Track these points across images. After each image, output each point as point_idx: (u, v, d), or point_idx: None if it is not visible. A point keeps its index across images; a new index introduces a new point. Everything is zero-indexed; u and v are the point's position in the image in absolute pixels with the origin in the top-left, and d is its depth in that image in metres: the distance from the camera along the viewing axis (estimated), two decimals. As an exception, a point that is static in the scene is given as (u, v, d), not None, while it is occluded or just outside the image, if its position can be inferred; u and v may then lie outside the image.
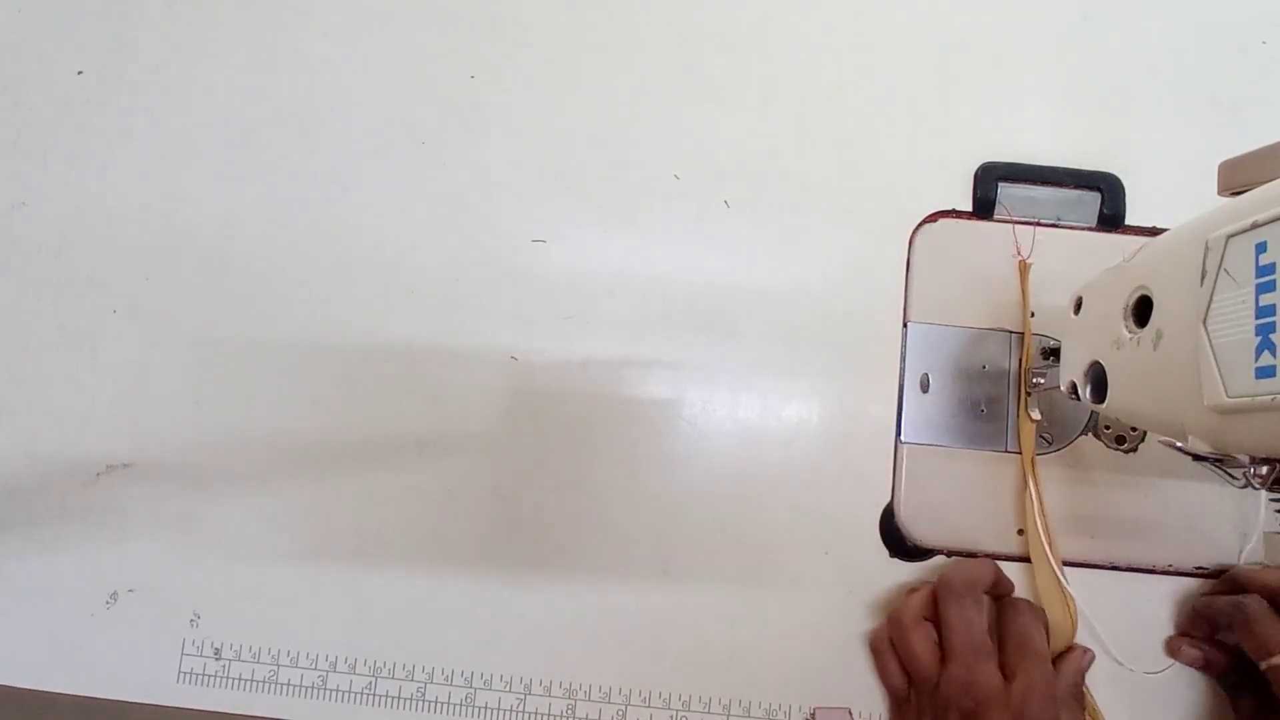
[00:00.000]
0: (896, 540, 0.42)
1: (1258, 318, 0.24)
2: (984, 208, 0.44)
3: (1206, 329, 0.26)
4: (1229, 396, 0.25)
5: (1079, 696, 0.40)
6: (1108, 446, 0.43)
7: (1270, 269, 0.23)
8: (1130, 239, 0.44)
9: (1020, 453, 0.42)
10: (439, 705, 0.42)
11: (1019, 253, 0.43)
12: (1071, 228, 0.44)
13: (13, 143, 0.47)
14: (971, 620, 0.38)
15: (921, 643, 0.38)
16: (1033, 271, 0.43)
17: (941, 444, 0.43)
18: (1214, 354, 0.25)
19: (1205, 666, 0.40)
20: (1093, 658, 0.40)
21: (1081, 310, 0.36)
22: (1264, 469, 0.28)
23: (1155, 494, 0.42)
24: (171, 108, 0.47)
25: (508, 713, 0.42)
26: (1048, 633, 0.39)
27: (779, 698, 0.42)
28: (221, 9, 0.48)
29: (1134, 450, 0.43)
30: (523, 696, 0.42)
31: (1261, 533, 0.41)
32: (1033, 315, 0.43)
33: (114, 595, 0.44)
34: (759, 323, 0.44)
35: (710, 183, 0.45)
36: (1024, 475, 0.42)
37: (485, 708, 0.42)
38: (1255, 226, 0.24)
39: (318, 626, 0.43)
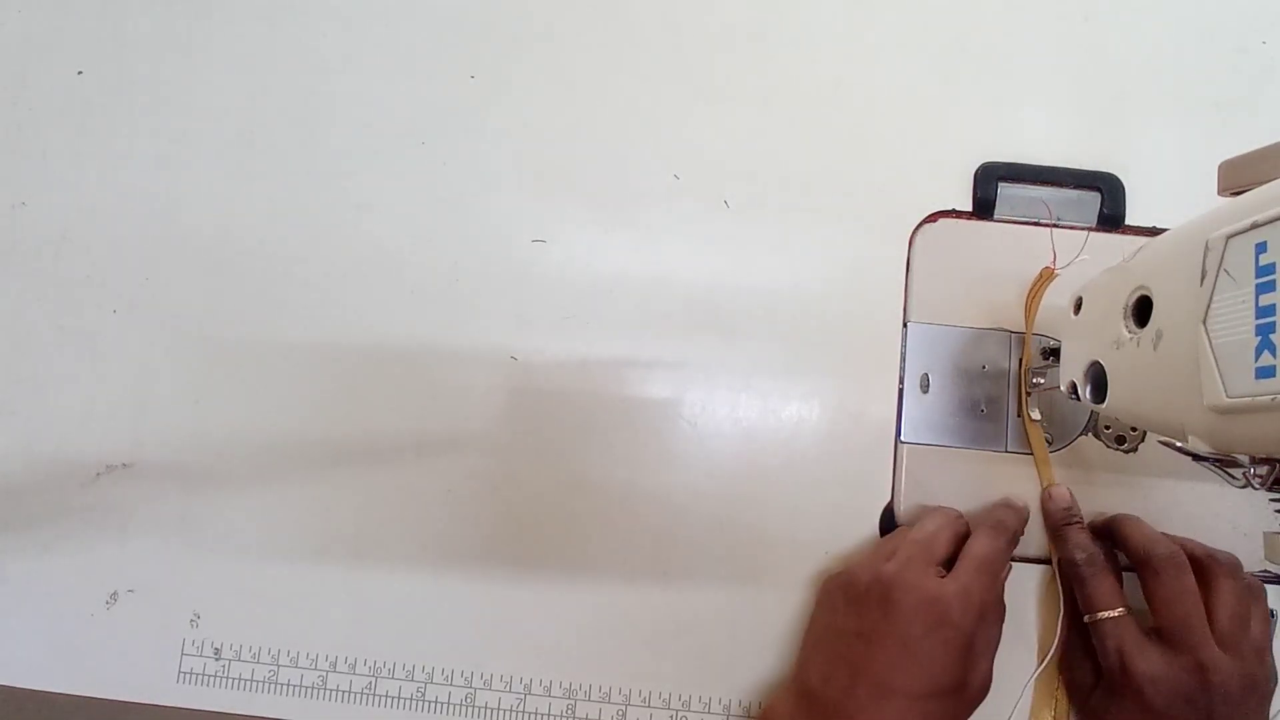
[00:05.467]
0: (896, 540, 0.42)
1: (1258, 318, 0.24)
2: (984, 208, 0.44)
3: (1206, 329, 0.26)
4: (1229, 396, 0.25)
5: (991, 589, 0.37)
6: (1108, 446, 0.43)
7: (1270, 269, 0.23)
8: (1130, 239, 0.44)
9: (1031, 453, 0.42)
10: (439, 705, 0.42)
11: (1054, 260, 0.43)
12: (1071, 228, 0.44)
13: (13, 143, 0.47)
14: (929, 530, 0.38)
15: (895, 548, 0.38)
16: (1032, 271, 0.43)
17: (941, 444, 0.43)
18: (1214, 354, 0.25)
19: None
20: (1009, 568, 0.39)
21: (1081, 310, 0.36)
22: (1264, 469, 0.28)
23: (1155, 494, 0.42)
24: (171, 108, 0.47)
25: (508, 713, 0.42)
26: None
27: (779, 698, 0.42)
28: (221, 9, 0.48)
29: (1134, 450, 0.43)
30: (523, 696, 0.42)
31: (1262, 533, 0.41)
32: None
33: (114, 595, 0.44)
34: (759, 323, 0.44)
35: (710, 183, 0.45)
36: (1040, 478, 0.42)
37: (485, 708, 0.42)
38: (1255, 226, 0.24)
39: (318, 626, 0.43)
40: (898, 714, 0.34)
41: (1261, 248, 0.24)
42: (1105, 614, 0.37)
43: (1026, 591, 0.42)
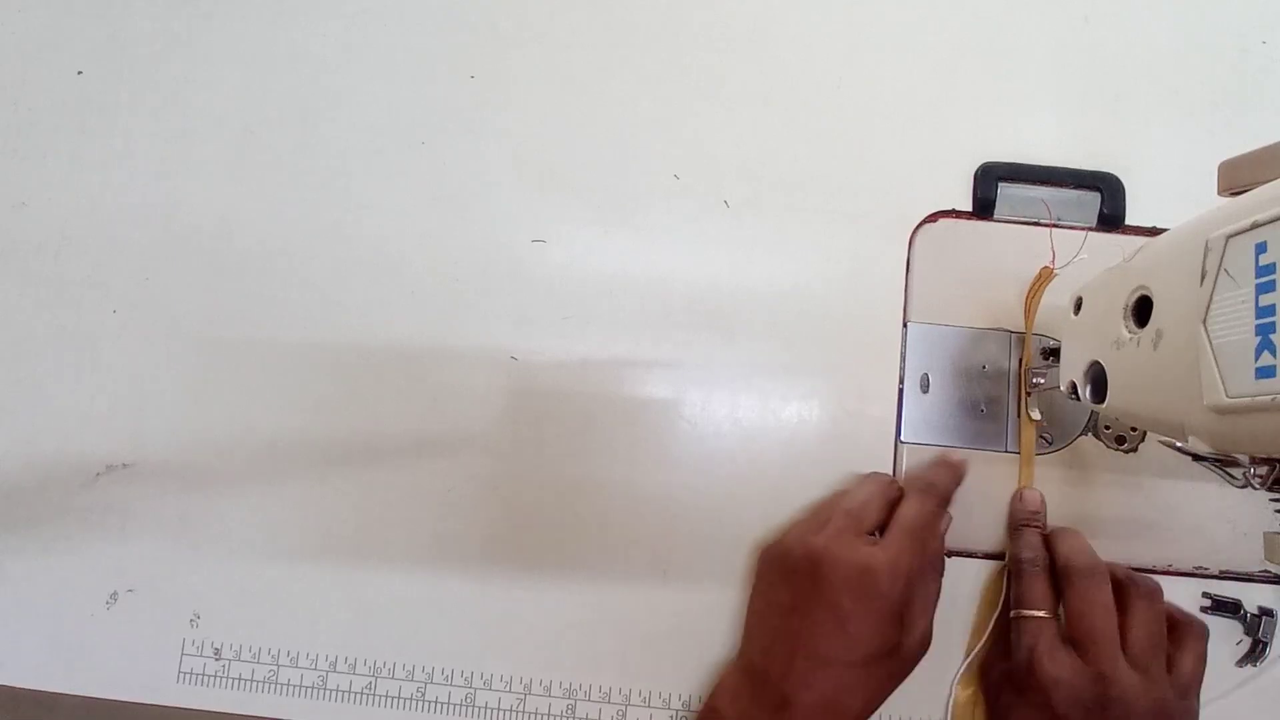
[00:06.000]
0: (896, 540, 0.42)
1: (1258, 318, 0.24)
2: (984, 208, 0.44)
3: (1206, 329, 0.26)
4: (1229, 396, 0.25)
5: (923, 554, 0.37)
6: (1108, 446, 0.43)
7: (1270, 269, 0.23)
8: (1130, 239, 0.44)
9: (1020, 453, 0.42)
10: (439, 705, 0.42)
11: (1053, 260, 0.43)
12: (1071, 228, 0.44)
13: (13, 143, 0.47)
14: (860, 499, 0.38)
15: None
16: (1032, 271, 0.43)
17: (941, 444, 0.43)
18: (1214, 354, 0.25)
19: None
20: (948, 521, 0.39)
21: (1081, 310, 0.36)
22: (1264, 469, 0.28)
23: (1155, 494, 0.42)
24: (171, 108, 0.47)
25: (508, 713, 0.42)
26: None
27: (779, 698, 0.42)
28: (221, 9, 0.48)
29: (1134, 450, 0.43)
30: (523, 696, 0.42)
31: (1263, 533, 0.41)
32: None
33: (114, 595, 0.44)
34: (759, 323, 0.44)
35: (710, 183, 0.45)
36: (1020, 477, 0.42)
37: (485, 708, 0.42)
38: (1255, 226, 0.24)
39: (318, 626, 0.43)
40: (836, 681, 0.35)
41: (1261, 248, 0.24)
42: (1030, 612, 0.38)
43: (975, 587, 0.42)
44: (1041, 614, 0.37)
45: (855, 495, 0.39)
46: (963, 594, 0.42)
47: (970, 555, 0.42)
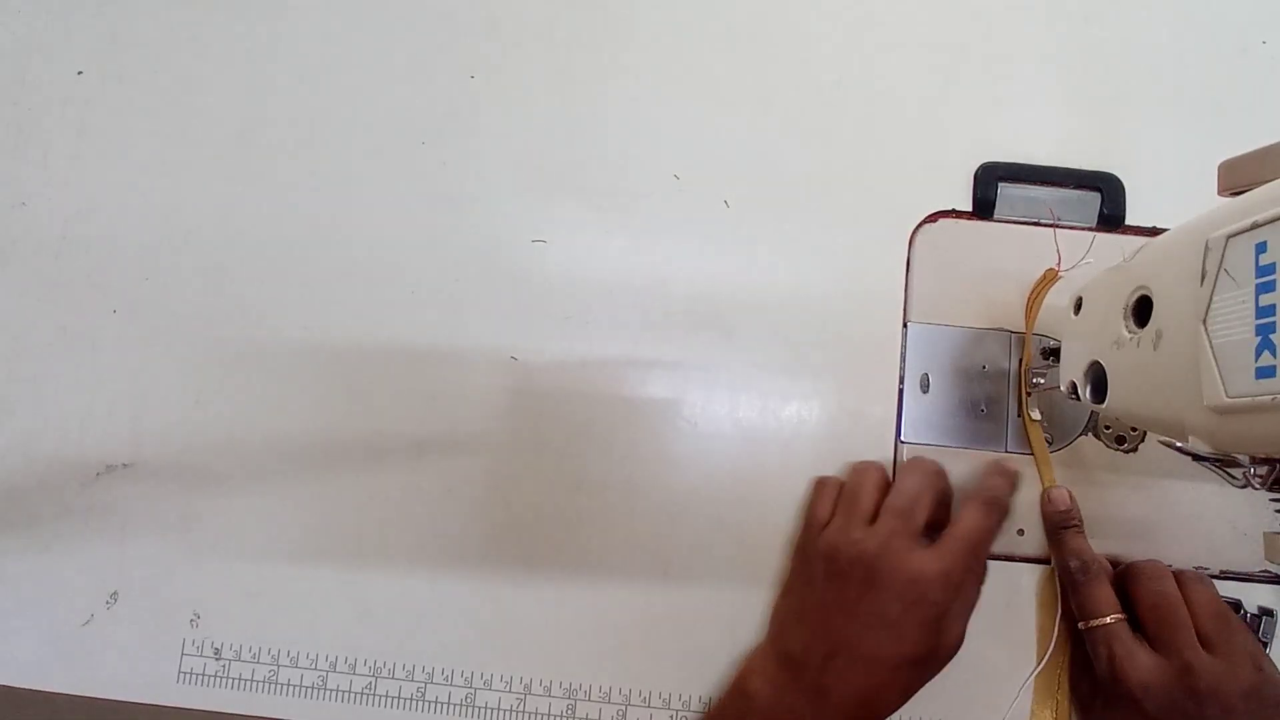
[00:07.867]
0: (896, 540, 0.42)
1: (1258, 318, 0.24)
2: (984, 208, 0.44)
3: (1206, 329, 0.26)
4: (1229, 396, 0.25)
5: (973, 565, 0.37)
6: (1108, 446, 0.43)
7: (1270, 269, 0.23)
8: (1130, 239, 0.44)
9: (1031, 453, 0.42)
10: (439, 705, 0.42)
11: (1059, 262, 0.43)
12: (1071, 228, 0.44)
13: (13, 143, 0.47)
14: (910, 496, 0.38)
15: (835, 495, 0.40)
16: (1032, 271, 0.43)
17: (941, 444, 0.43)
18: (1214, 354, 0.25)
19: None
20: (998, 518, 0.38)
21: (1081, 310, 0.36)
22: (1264, 469, 0.28)
23: (1155, 494, 0.42)
24: (171, 108, 0.47)
25: (508, 713, 0.42)
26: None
27: (779, 698, 0.42)
28: (221, 9, 0.48)
29: (1134, 450, 0.43)
30: (523, 696, 0.42)
31: (1262, 533, 0.41)
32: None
33: (114, 595, 0.44)
34: (759, 323, 0.44)
35: (710, 183, 0.45)
36: (1041, 479, 0.42)
37: (485, 708, 0.42)
38: (1255, 226, 0.24)
39: (318, 626, 0.43)
40: (875, 680, 0.36)
41: (1261, 248, 0.24)
42: (1098, 621, 0.38)
43: (1026, 592, 0.42)
44: (1108, 620, 0.38)
45: (904, 490, 0.38)
46: (990, 599, 0.42)
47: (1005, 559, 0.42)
